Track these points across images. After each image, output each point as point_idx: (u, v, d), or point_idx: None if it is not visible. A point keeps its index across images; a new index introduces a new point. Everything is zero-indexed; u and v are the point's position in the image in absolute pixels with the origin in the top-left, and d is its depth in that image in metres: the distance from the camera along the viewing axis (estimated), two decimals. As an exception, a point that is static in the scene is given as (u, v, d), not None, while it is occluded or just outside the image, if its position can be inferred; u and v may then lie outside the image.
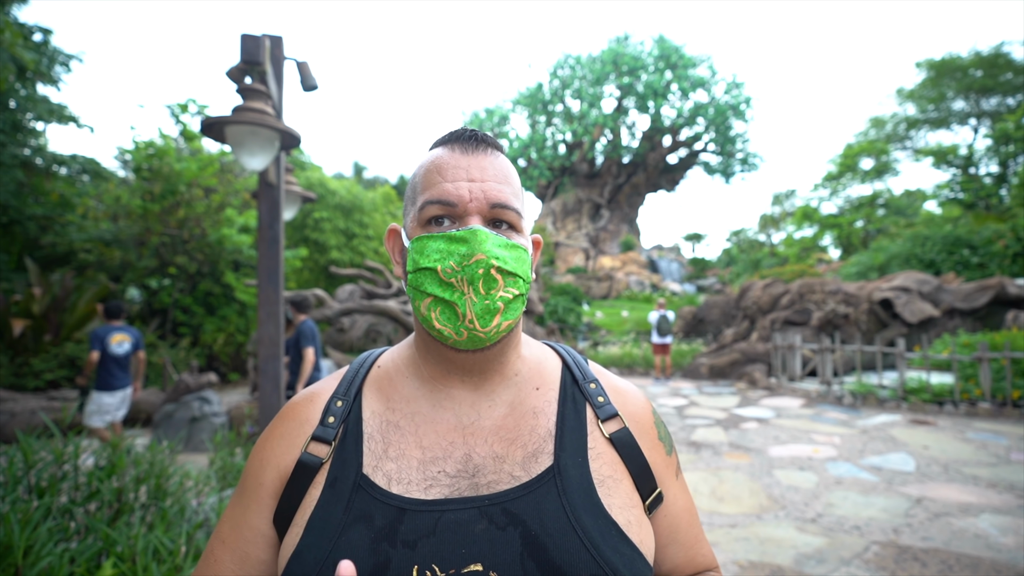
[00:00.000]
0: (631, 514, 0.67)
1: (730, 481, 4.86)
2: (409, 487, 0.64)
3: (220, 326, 11.68)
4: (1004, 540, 3.51)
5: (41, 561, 1.64)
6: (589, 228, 33.58)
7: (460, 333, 0.64)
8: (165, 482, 2.49)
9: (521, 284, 0.67)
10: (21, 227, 10.07)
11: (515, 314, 0.67)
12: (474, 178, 0.67)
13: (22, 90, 9.99)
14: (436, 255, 0.65)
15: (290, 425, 0.72)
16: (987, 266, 14.44)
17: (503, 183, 0.69)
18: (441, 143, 0.73)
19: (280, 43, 3.53)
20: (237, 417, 6.55)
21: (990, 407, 7.19)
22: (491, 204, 0.67)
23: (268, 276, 3.44)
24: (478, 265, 0.63)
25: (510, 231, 0.69)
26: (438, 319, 0.65)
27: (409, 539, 0.60)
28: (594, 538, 0.62)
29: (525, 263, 0.68)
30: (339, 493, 0.64)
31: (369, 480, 0.65)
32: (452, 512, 0.62)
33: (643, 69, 31.44)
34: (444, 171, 0.68)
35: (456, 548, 0.60)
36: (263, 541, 0.69)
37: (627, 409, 0.76)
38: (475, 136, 0.71)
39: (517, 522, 0.62)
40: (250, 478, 0.71)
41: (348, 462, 0.67)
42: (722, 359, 11.66)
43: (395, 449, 0.68)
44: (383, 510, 0.62)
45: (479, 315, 0.64)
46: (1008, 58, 26.62)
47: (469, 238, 0.64)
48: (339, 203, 15.99)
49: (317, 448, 0.68)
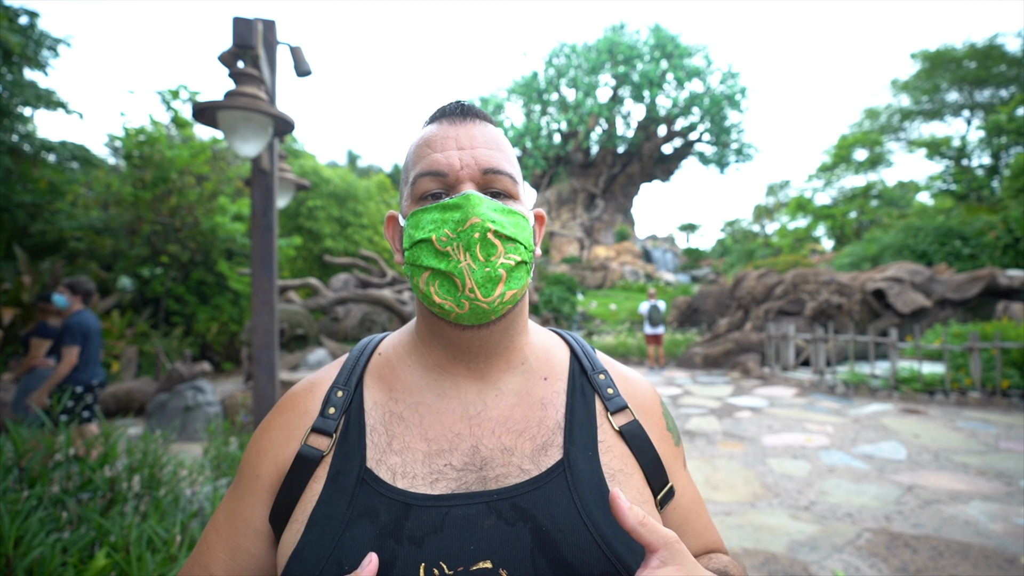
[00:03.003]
0: (642, 510, 0.66)
1: (724, 469, 4.89)
2: (415, 481, 0.62)
3: (213, 315, 11.61)
4: (993, 527, 3.56)
5: (32, 551, 1.62)
6: (584, 218, 33.56)
7: (461, 304, 0.62)
8: (159, 471, 2.47)
9: (523, 251, 0.64)
10: (9, 215, 9.92)
11: (519, 283, 0.64)
12: (463, 146, 0.66)
13: (8, 75, 9.79)
14: (431, 225, 0.63)
15: (289, 416, 0.70)
16: (978, 257, 14.55)
17: (494, 149, 0.67)
18: (430, 120, 0.72)
19: (273, 27, 3.46)
20: (231, 406, 6.53)
21: (980, 396, 7.27)
22: (483, 170, 0.65)
23: (262, 264, 3.40)
24: (473, 229, 0.61)
25: (507, 199, 0.67)
26: (437, 292, 0.63)
27: (415, 536, 0.58)
28: (606, 534, 0.60)
29: (525, 229, 0.66)
30: (342, 488, 0.62)
31: (373, 474, 0.63)
32: (460, 508, 0.60)
33: (639, 58, 31.28)
34: (433, 143, 0.67)
35: (464, 545, 0.58)
36: (254, 535, 0.67)
37: (636, 400, 0.75)
38: (462, 106, 0.70)
39: (527, 517, 0.60)
40: (247, 469, 0.69)
41: (351, 455, 0.64)
42: (716, 349, 11.72)
43: (399, 442, 0.65)
44: (388, 505, 0.60)
45: (480, 283, 0.61)
46: (1002, 50, 26.64)
47: (462, 203, 0.62)
48: (333, 191, 15.89)
49: (317, 440, 0.66)
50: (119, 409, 7.16)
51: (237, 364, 11.94)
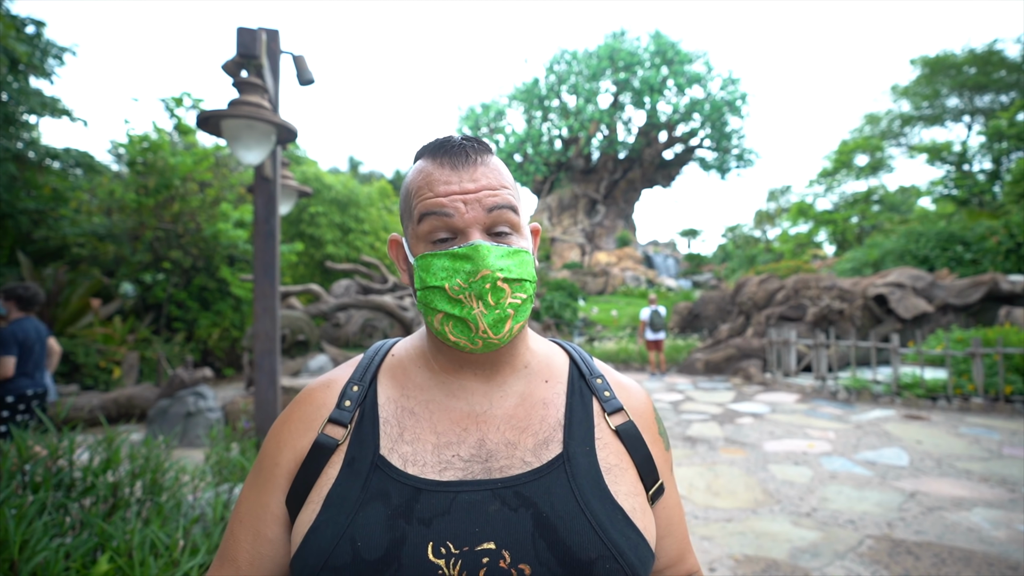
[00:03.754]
0: (636, 501, 0.70)
1: (725, 476, 4.88)
2: (424, 469, 0.67)
3: (215, 321, 11.64)
4: (996, 533, 3.54)
5: (37, 556, 1.63)
6: (585, 224, 33.59)
7: (475, 343, 0.67)
8: (161, 477, 2.48)
9: (527, 286, 0.69)
10: (13, 221, 9.98)
11: (525, 315, 0.70)
12: (467, 190, 0.68)
13: (14, 83, 9.87)
14: (442, 273, 0.67)
15: (307, 409, 0.74)
16: (980, 262, 14.54)
17: (498, 188, 0.69)
18: (429, 154, 0.72)
19: (276, 36, 3.50)
20: (232, 412, 6.53)
21: (983, 402, 7.25)
22: (488, 209, 0.68)
23: (264, 271, 3.43)
24: (484, 281, 0.65)
25: (510, 236, 0.70)
26: (452, 332, 0.67)
27: (424, 517, 0.63)
28: (602, 521, 0.65)
29: (528, 264, 0.70)
30: (357, 472, 0.67)
31: (386, 460, 0.67)
32: (466, 493, 0.65)
33: (639, 65, 31.40)
34: (435, 186, 0.69)
35: (470, 527, 0.62)
36: (271, 519, 0.71)
37: (631, 404, 0.79)
38: (463, 148, 0.70)
39: (529, 504, 0.65)
40: (267, 459, 0.73)
41: (365, 443, 0.69)
42: (717, 354, 11.70)
43: (410, 433, 0.70)
44: (399, 489, 0.65)
45: (491, 325, 0.66)
46: (1001, 56, 26.73)
47: (472, 255, 0.65)
48: (335, 198, 15.95)
49: (334, 430, 0.70)
50: (120, 415, 7.17)
51: (239, 370, 11.95)
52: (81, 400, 7.02)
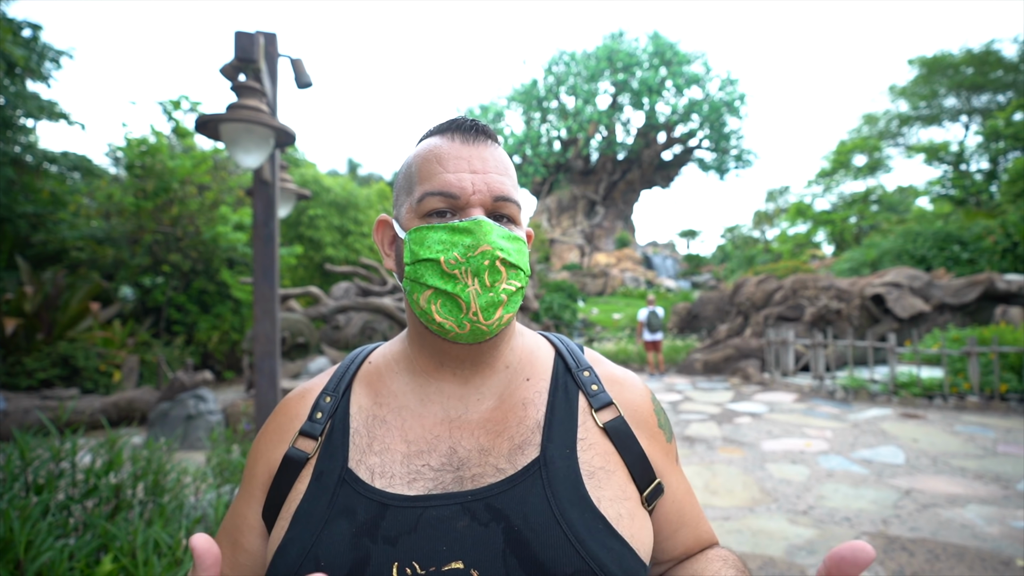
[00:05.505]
0: (623, 507, 0.64)
1: (723, 475, 4.91)
2: (392, 481, 0.64)
3: (215, 324, 11.65)
4: (989, 530, 3.58)
5: (41, 556, 1.65)
6: (584, 225, 33.62)
7: (462, 326, 0.63)
8: (163, 479, 2.51)
9: (522, 276, 0.67)
10: (12, 225, 10.00)
11: (515, 307, 0.67)
12: (476, 169, 0.66)
13: (11, 87, 9.89)
14: (438, 246, 0.63)
15: (281, 420, 0.73)
16: (977, 262, 14.58)
17: (504, 175, 0.68)
18: (439, 132, 0.70)
19: (274, 40, 3.52)
20: (233, 415, 6.55)
21: (978, 401, 7.29)
22: (494, 197, 0.66)
23: (264, 273, 3.45)
24: (484, 256, 0.62)
25: (510, 224, 0.68)
26: (439, 312, 0.63)
27: (390, 535, 0.60)
28: (579, 532, 0.60)
29: (525, 255, 0.68)
30: (324, 487, 0.64)
31: (353, 474, 0.65)
32: (434, 508, 0.61)
33: (638, 66, 31.45)
34: (445, 161, 0.66)
35: (437, 545, 0.59)
36: (248, 530, 0.71)
37: (623, 397, 0.74)
38: (476, 126, 0.69)
39: (500, 518, 0.60)
40: (246, 470, 0.74)
41: (334, 457, 0.67)
42: (716, 355, 11.73)
43: (380, 443, 0.67)
44: (366, 505, 0.62)
45: (483, 308, 0.62)
46: (998, 56, 26.80)
47: (474, 229, 0.63)
48: (334, 200, 15.96)
49: (304, 443, 0.69)
50: (121, 418, 7.19)
51: (239, 373, 11.96)
52: (82, 403, 7.04)
